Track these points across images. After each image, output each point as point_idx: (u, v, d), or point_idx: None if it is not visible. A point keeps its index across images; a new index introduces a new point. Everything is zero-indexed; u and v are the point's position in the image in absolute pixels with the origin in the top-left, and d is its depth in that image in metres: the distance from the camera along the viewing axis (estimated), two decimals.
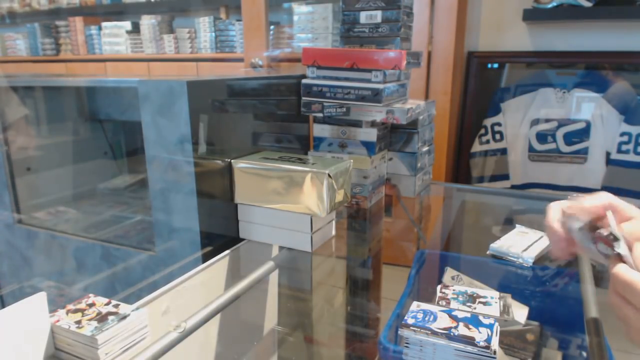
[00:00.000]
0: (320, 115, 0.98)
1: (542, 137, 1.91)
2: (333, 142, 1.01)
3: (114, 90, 1.47)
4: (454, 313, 0.57)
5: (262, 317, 0.97)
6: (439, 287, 0.68)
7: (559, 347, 0.82)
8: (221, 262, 0.82)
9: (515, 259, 0.84)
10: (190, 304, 0.67)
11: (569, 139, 1.87)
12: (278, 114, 1.03)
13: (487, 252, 0.87)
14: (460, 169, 2.10)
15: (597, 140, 1.83)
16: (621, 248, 0.48)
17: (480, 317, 0.56)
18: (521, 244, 0.87)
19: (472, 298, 0.66)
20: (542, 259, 0.85)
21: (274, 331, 1.01)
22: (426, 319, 0.56)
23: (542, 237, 0.92)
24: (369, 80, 0.93)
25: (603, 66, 1.85)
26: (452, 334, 0.53)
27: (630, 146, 1.76)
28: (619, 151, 1.78)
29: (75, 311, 0.56)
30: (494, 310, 0.64)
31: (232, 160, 0.87)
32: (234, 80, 0.90)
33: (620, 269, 0.47)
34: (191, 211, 0.84)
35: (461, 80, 2.05)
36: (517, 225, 0.97)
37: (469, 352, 0.52)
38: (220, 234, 0.89)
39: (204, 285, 0.77)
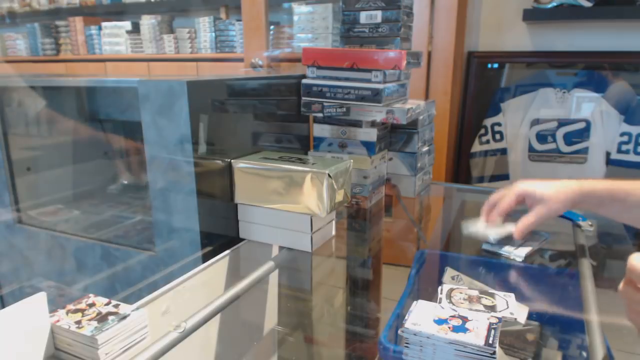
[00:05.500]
0: (320, 115, 0.98)
1: (542, 137, 1.91)
2: (333, 142, 1.01)
3: (114, 90, 1.47)
4: (454, 313, 0.57)
5: (262, 317, 0.97)
6: (439, 287, 0.68)
7: (559, 347, 0.82)
8: (221, 262, 0.82)
9: (506, 256, 0.85)
10: (190, 304, 0.67)
11: (569, 139, 1.86)
12: (278, 114, 1.03)
13: (481, 248, 0.89)
14: (460, 169, 2.10)
15: (597, 140, 1.82)
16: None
17: (480, 317, 0.56)
18: (513, 242, 0.89)
19: (472, 298, 0.66)
20: (532, 257, 0.86)
21: (274, 331, 1.01)
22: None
23: (534, 235, 0.93)
24: (369, 80, 0.93)
25: (603, 66, 1.85)
26: (452, 334, 0.53)
27: (630, 146, 1.76)
28: (619, 151, 1.78)
29: (75, 311, 0.56)
30: (495, 310, 0.64)
31: (232, 160, 0.87)
32: (234, 80, 0.90)
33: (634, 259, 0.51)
34: (191, 211, 0.83)
35: (461, 80, 2.05)
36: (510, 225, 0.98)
37: (469, 352, 0.52)
38: (220, 234, 0.89)
39: (204, 285, 0.77)
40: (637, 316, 0.52)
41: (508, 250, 0.86)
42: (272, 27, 2.33)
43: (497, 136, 1.98)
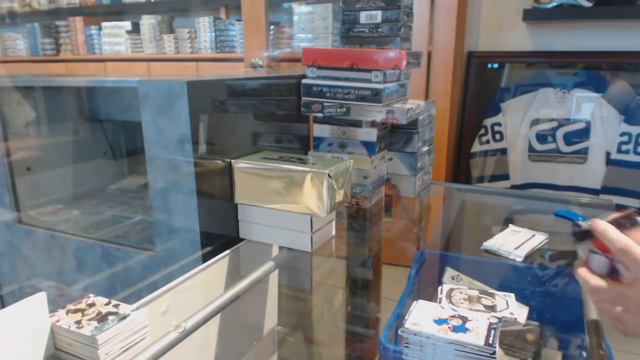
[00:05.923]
0: (320, 115, 0.98)
1: (542, 137, 1.91)
2: (333, 142, 1.01)
3: (114, 90, 1.47)
4: (454, 313, 0.57)
5: (262, 317, 0.97)
6: (439, 287, 0.68)
7: (559, 347, 0.82)
8: (221, 262, 0.82)
9: (506, 256, 0.85)
10: (190, 304, 0.67)
11: (569, 139, 1.86)
12: (278, 114, 1.03)
13: (480, 248, 0.89)
14: (460, 169, 2.10)
15: (597, 140, 1.82)
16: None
17: (480, 317, 0.56)
18: (513, 242, 0.89)
19: (472, 298, 0.66)
20: (532, 256, 0.86)
21: (274, 331, 1.01)
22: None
23: (533, 235, 0.93)
24: (369, 80, 0.93)
25: (603, 66, 1.85)
26: (452, 334, 0.53)
27: (630, 146, 1.76)
28: (619, 151, 1.78)
29: (75, 311, 0.56)
30: (495, 310, 0.64)
31: (232, 160, 0.87)
32: (234, 80, 0.90)
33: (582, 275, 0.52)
34: (191, 211, 0.83)
35: (461, 80, 2.05)
36: (509, 225, 0.98)
37: (469, 352, 0.52)
38: (220, 234, 0.89)
39: (204, 285, 0.77)
40: (607, 305, 0.52)
41: (508, 250, 0.86)
42: (272, 27, 2.33)
43: (497, 136, 1.98)
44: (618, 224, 0.51)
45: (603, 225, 0.51)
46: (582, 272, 0.52)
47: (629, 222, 0.51)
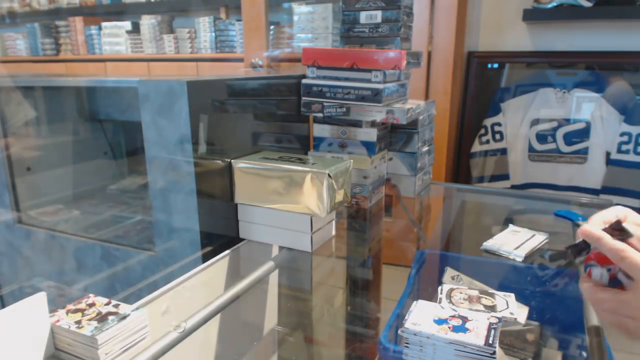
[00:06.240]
0: (320, 115, 0.98)
1: (542, 137, 1.91)
2: (333, 142, 1.01)
3: (114, 90, 1.47)
4: (454, 313, 0.57)
5: (262, 317, 0.97)
6: (439, 287, 0.68)
7: (559, 347, 0.82)
8: (221, 262, 0.82)
9: (506, 256, 0.85)
10: (190, 304, 0.67)
11: (569, 139, 1.86)
12: (278, 114, 1.03)
13: (480, 248, 0.89)
14: (460, 169, 2.10)
15: (597, 140, 1.82)
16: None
17: (480, 317, 0.56)
18: (513, 242, 0.89)
19: (472, 298, 0.66)
20: (532, 256, 0.86)
21: (274, 331, 1.01)
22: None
23: (533, 235, 0.93)
24: (369, 80, 0.93)
25: (603, 66, 1.85)
26: (452, 334, 0.53)
27: (630, 146, 1.76)
28: (619, 151, 1.78)
29: (75, 311, 0.56)
30: (495, 310, 0.64)
31: (232, 160, 0.87)
32: (234, 80, 0.90)
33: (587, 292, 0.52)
34: (191, 211, 0.83)
35: (461, 80, 2.05)
36: (509, 225, 0.98)
37: (469, 352, 0.52)
38: (220, 234, 0.89)
39: (204, 285, 0.77)
40: (610, 315, 0.52)
41: (508, 250, 0.86)
42: (272, 27, 2.33)
43: (497, 136, 1.98)
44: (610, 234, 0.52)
45: (598, 233, 0.52)
46: (586, 287, 0.53)
47: (618, 232, 0.52)
